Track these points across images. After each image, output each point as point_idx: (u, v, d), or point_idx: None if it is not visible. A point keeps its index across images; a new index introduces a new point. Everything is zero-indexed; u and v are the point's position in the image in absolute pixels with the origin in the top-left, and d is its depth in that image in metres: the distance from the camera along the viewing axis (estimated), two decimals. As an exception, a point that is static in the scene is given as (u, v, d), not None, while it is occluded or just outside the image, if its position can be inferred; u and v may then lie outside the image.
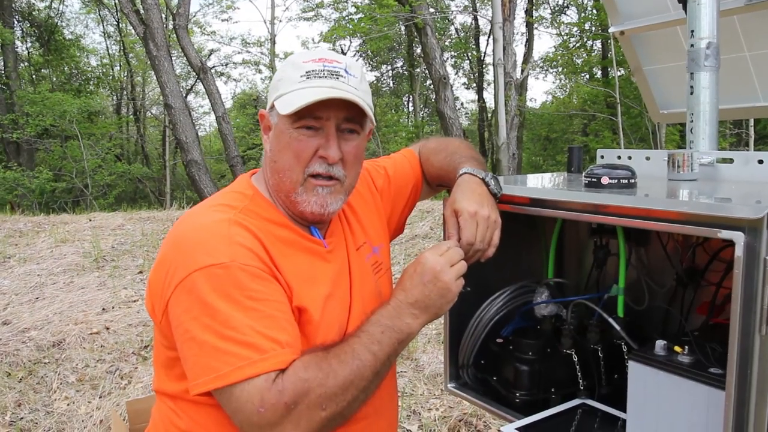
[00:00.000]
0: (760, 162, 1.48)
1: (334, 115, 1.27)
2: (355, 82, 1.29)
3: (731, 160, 1.55)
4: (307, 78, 1.26)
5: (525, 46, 19.62)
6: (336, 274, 1.36)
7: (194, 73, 15.84)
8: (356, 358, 1.16)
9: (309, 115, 1.25)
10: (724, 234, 1.05)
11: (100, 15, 23.27)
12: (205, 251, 1.18)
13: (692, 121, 1.81)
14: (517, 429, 1.46)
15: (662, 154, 1.62)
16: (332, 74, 1.27)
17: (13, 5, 19.56)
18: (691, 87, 1.81)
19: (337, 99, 1.24)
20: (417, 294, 1.23)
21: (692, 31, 1.80)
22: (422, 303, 1.23)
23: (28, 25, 21.30)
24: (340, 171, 1.30)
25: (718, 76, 1.81)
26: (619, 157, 1.76)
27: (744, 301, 1.04)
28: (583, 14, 20.15)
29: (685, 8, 1.84)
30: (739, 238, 1.03)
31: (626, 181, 1.36)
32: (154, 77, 14.38)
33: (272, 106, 1.31)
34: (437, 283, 1.23)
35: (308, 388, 1.10)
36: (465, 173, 1.44)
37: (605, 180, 1.36)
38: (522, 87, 16.15)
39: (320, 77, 1.26)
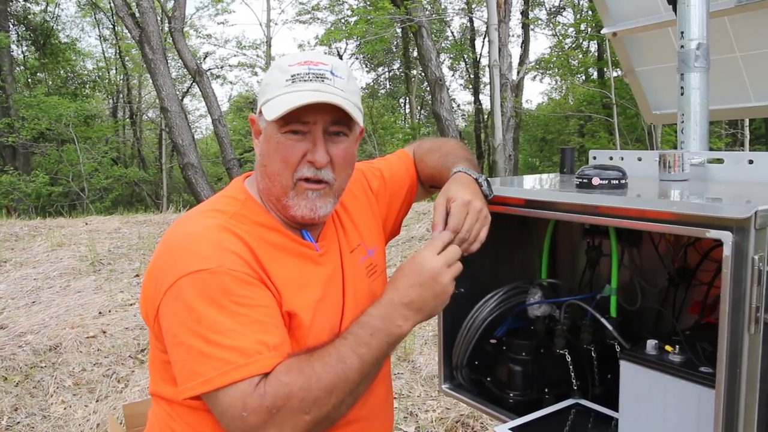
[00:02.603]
0: (751, 162, 1.49)
1: (320, 119, 1.26)
2: (342, 83, 1.28)
3: (722, 161, 1.56)
4: (293, 82, 1.26)
5: (521, 47, 19.68)
6: (328, 277, 1.35)
7: (190, 76, 15.83)
8: (341, 361, 1.14)
9: (295, 120, 1.25)
10: (713, 234, 1.06)
11: (95, 18, 23.23)
12: (194, 257, 1.18)
13: (683, 121, 1.82)
14: (510, 429, 1.46)
15: (654, 155, 1.63)
16: (317, 77, 1.26)
17: (9, 9, 19.54)
18: (682, 88, 1.82)
19: (322, 103, 1.23)
20: (412, 295, 1.21)
21: (682, 33, 1.81)
22: (417, 304, 1.21)
23: (24, 28, 21.26)
24: (329, 174, 1.30)
25: (708, 77, 1.82)
26: (611, 158, 1.77)
27: (733, 300, 1.05)
28: (578, 15, 20.20)
29: (675, 10, 1.85)
30: (727, 237, 1.04)
31: (617, 181, 1.37)
32: (150, 80, 14.37)
33: (260, 112, 1.30)
34: (435, 286, 1.22)
35: (290, 392, 1.10)
36: (459, 171, 1.44)
37: (596, 181, 1.37)
38: (518, 88, 16.18)
39: (305, 81, 1.25)
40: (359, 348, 1.16)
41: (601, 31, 2.89)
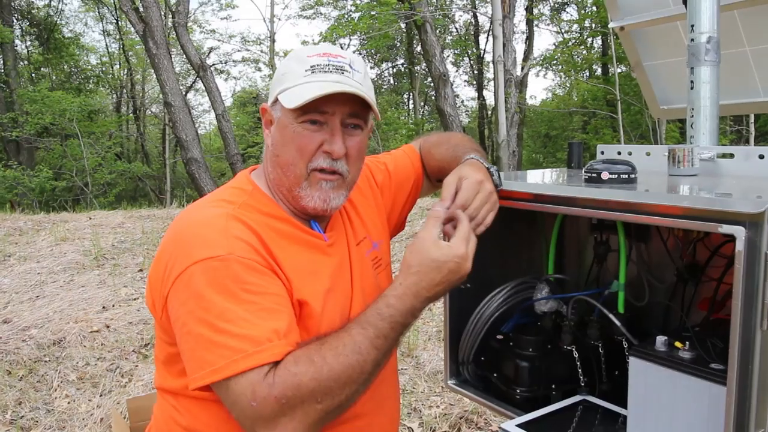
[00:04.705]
0: (761, 157, 1.48)
1: (339, 110, 1.26)
2: (360, 77, 1.28)
3: (732, 156, 1.55)
4: (312, 72, 1.26)
5: (525, 43, 19.63)
6: (336, 267, 1.35)
7: (194, 71, 15.83)
8: (357, 352, 1.12)
9: (314, 110, 1.25)
10: (725, 229, 1.05)
11: (99, 13, 23.27)
12: (203, 245, 1.17)
13: (692, 116, 1.81)
14: (517, 425, 1.45)
15: (662, 150, 1.62)
16: (337, 69, 1.26)
17: (13, 4, 19.55)
18: (692, 82, 1.81)
19: (342, 94, 1.23)
20: (439, 290, 1.18)
21: (692, 26, 1.79)
22: (436, 298, 1.20)
23: (28, 23, 21.28)
24: (343, 166, 1.30)
25: (718, 71, 1.81)
26: (620, 153, 1.76)
27: (745, 296, 1.03)
28: (583, 11, 20.13)
29: (685, 3, 1.84)
30: (740, 232, 1.02)
31: (626, 176, 1.35)
32: (154, 75, 14.37)
33: (275, 100, 1.30)
34: (458, 283, 1.21)
35: (299, 383, 1.08)
36: (471, 158, 1.43)
37: (605, 175, 1.36)
38: (522, 84, 16.15)
39: (325, 72, 1.26)
40: (377, 340, 1.14)
41: (609, 25, 2.87)
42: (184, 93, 15.78)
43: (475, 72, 22.61)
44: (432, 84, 15.08)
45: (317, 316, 1.26)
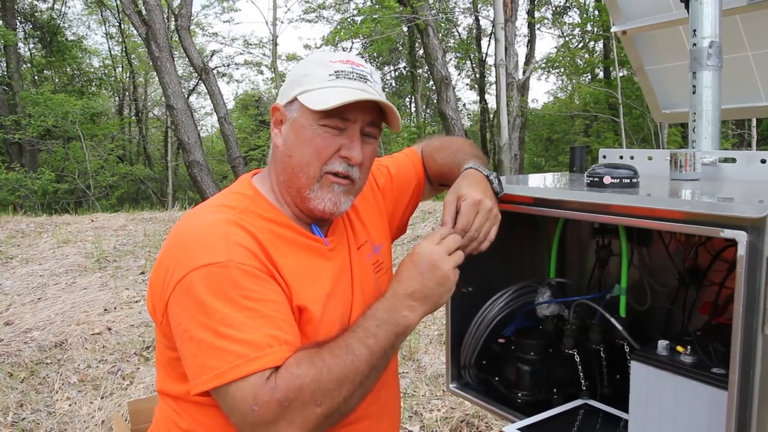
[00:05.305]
0: (763, 161, 1.48)
1: (360, 118, 1.28)
2: (378, 88, 1.31)
3: (734, 160, 1.55)
4: (336, 77, 1.28)
5: (527, 46, 19.65)
6: (337, 272, 1.35)
7: (196, 74, 15.86)
8: (350, 353, 1.14)
9: (337, 115, 1.26)
10: (727, 233, 1.05)
11: (102, 16, 23.32)
12: (203, 251, 1.18)
13: (695, 120, 1.81)
14: (519, 429, 1.45)
15: (665, 154, 1.62)
16: (360, 77, 1.29)
17: (16, 6, 19.60)
18: (694, 86, 1.81)
19: (365, 102, 1.25)
20: (414, 285, 1.20)
21: (694, 31, 1.80)
22: (420, 293, 1.20)
23: (31, 26, 21.32)
24: (357, 173, 1.31)
25: (720, 76, 1.81)
26: (622, 157, 1.76)
27: (747, 300, 1.03)
28: (584, 15, 20.13)
29: (687, 7, 1.84)
30: (741, 237, 1.03)
31: (628, 180, 1.35)
32: (156, 78, 14.40)
33: (292, 101, 1.31)
34: (435, 272, 1.21)
35: (301, 384, 1.09)
36: (470, 168, 1.44)
37: (607, 179, 1.36)
38: (524, 87, 16.17)
39: (350, 78, 1.28)
40: (367, 339, 1.16)
41: (611, 29, 2.87)
42: (186, 96, 15.80)
43: (477, 75, 22.63)
44: (434, 87, 15.08)
45: (316, 322, 1.26)
